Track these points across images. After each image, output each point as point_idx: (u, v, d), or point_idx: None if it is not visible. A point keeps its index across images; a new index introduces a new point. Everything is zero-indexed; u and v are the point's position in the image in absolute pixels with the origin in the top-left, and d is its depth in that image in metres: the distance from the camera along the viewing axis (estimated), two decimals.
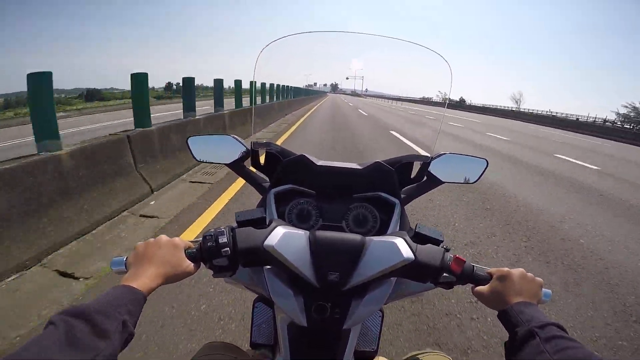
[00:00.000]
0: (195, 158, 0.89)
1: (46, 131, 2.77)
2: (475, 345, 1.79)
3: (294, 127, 10.60)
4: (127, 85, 4.27)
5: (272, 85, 11.42)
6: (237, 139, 0.88)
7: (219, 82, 7.44)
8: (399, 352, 1.72)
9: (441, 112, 28.91)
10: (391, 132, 11.09)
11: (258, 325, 0.84)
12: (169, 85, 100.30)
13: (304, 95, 25.41)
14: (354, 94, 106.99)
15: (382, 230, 0.81)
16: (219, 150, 0.88)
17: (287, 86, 18.01)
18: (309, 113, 17.27)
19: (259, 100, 11.43)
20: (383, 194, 0.82)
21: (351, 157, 6.28)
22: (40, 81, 2.75)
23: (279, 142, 4.41)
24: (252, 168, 0.91)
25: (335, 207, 0.84)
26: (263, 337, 0.84)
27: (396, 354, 1.71)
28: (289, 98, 18.38)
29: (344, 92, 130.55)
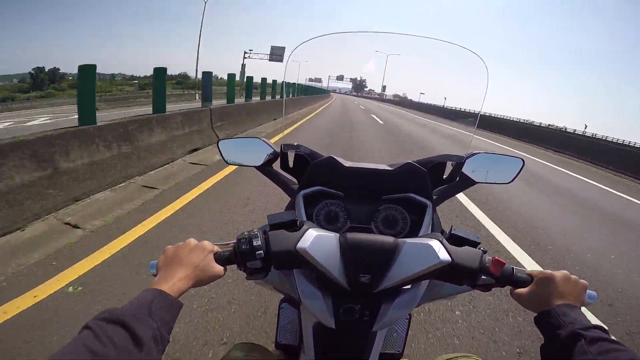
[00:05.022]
0: (225, 161, 0.91)
1: None
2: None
3: None
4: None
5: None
6: (265, 142, 0.89)
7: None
8: (426, 355, 1.69)
9: None
10: None
11: (283, 326, 0.85)
12: (39, 71, 55.55)
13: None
14: (403, 100, 52.03)
15: (413, 232, 0.80)
16: (248, 153, 0.90)
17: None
18: None
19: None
20: (414, 195, 0.81)
21: None
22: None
23: None
24: (280, 170, 0.91)
25: (363, 209, 0.83)
26: (288, 337, 0.85)
27: (422, 356, 1.68)
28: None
29: (381, 97, 71.06)
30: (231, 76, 8.16)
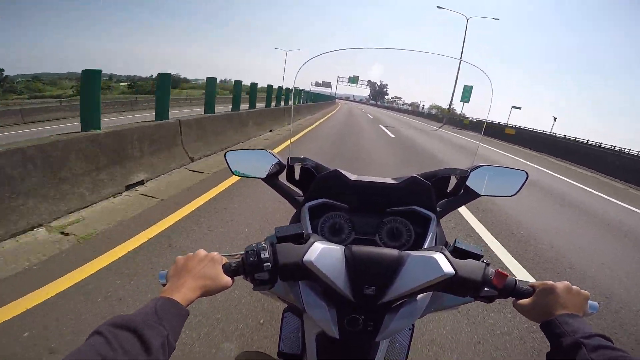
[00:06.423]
0: (232, 172, 0.93)
1: None
2: None
3: None
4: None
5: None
6: (272, 154, 0.91)
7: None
8: None
9: None
10: None
11: (286, 335, 0.86)
12: None
13: None
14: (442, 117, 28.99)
15: (417, 244, 0.81)
16: (255, 165, 0.91)
17: None
18: None
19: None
20: (418, 208, 0.82)
21: None
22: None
23: None
24: (286, 182, 0.93)
25: (368, 221, 0.84)
26: (291, 346, 0.86)
27: None
28: None
29: (414, 110, 52.11)
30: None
